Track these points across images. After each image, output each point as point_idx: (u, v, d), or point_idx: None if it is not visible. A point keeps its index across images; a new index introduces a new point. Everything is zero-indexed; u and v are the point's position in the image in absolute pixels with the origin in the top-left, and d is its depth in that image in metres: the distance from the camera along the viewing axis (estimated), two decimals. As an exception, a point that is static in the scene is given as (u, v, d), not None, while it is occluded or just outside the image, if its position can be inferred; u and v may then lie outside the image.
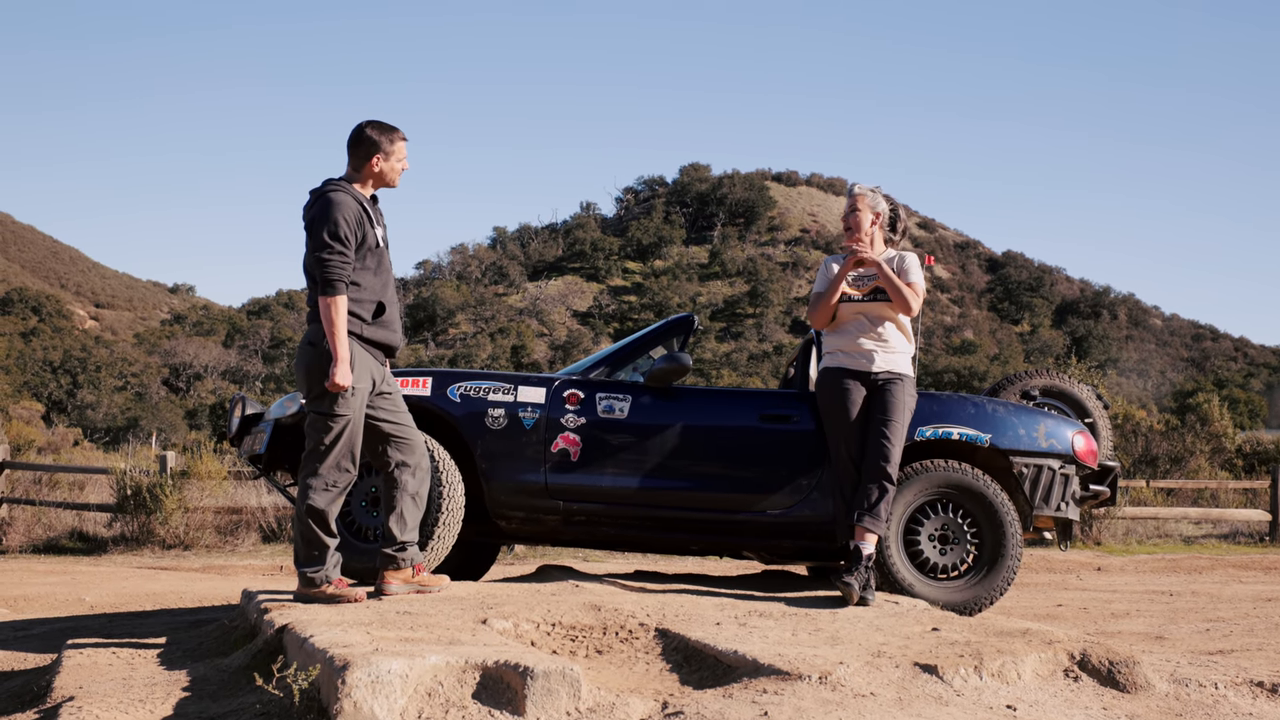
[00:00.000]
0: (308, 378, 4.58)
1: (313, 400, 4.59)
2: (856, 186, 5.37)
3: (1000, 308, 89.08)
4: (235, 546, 12.53)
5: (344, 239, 4.51)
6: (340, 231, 4.50)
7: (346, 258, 4.52)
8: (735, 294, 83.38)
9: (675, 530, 5.56)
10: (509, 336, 73.05)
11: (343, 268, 4.50)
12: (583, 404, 5.49)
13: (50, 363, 55.67)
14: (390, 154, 4.69)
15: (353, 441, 4.61)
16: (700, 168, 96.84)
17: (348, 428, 4.57)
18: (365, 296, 4.63)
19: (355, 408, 4.58)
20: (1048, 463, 5.51)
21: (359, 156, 4.68)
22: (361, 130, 4.68)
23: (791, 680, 3.55)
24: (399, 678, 3.26)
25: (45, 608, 7.49)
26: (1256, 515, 14.83)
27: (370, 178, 4.70)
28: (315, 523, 4.55)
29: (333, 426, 4.54)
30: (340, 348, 4.47)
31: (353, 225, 4.55)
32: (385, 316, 4.71)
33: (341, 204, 4.54)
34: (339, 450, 4.57)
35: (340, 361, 4.46)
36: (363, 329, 4.62)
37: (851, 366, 5.19)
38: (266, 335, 72.84)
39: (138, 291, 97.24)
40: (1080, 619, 7.41)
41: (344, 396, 4.53)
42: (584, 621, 4.28)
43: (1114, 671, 3.88)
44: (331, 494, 4.58)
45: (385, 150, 4.68)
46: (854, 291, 5.26)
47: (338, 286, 4.49)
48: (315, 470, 4.56)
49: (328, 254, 4.49)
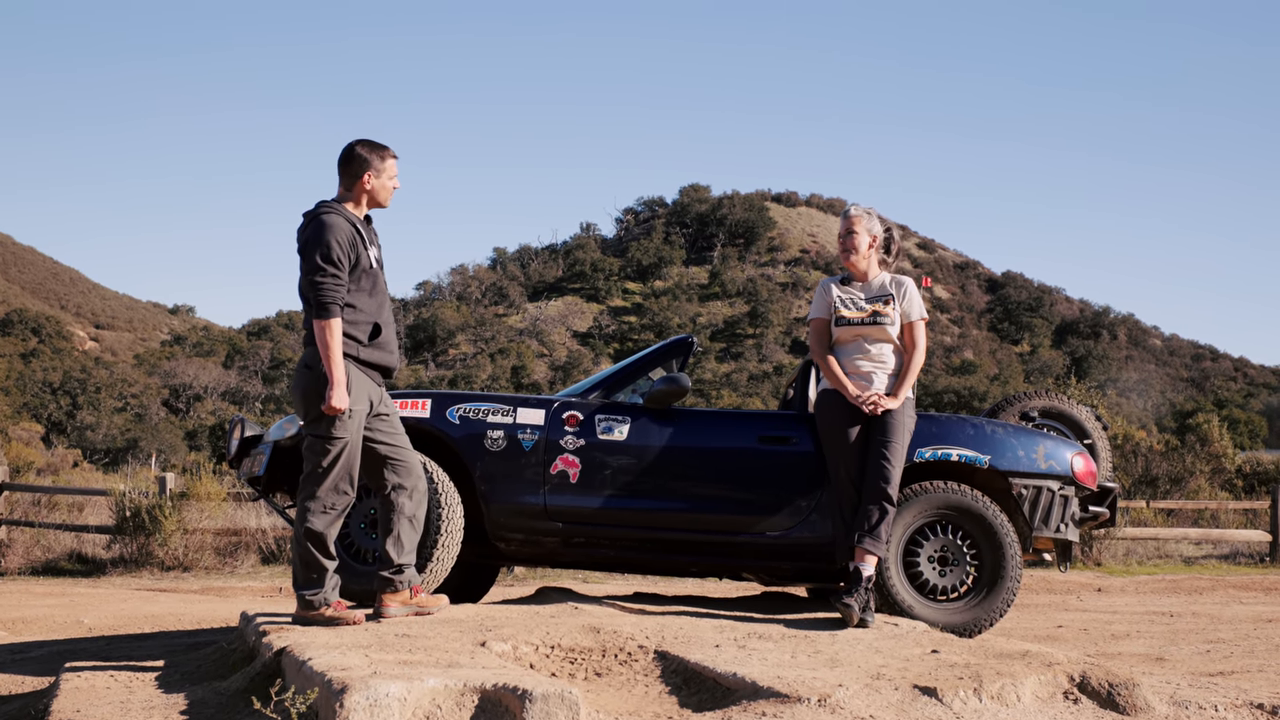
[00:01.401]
0: (305, 401, 4.57)
1: (310, 423, 4.59)
2: (853, 208, 5.38)
3: (1000, 328, 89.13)
4: (234, 568, 12.51)
5: (337, 261, 4.51)
6: (333, 254, 4.50)
7: (340, 280, 4.52)
8: (735, 314, 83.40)
9: (674, 552, 5.56)
10: (509, 357, 73.06)
11: (336, 290, 4.50)
12: (582, 426, 5.49)
13: (50, 384, 55.68)
14: (381, 171, 4.70)
15: (350, 464, 4.61)
16: (700, 188, 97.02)
17: (345, 450, 4.57)
18: (361, 318, 4.63)
19: (353, 430, 4.58)
20: (1047, 484, 5.51)
21: (350, 175, 4.69)
22: (351, 149, 4.69)
23: (791, 703, 3.54)
24: (397, 701, 3.26)
25: (44, 630, 7.47)
26: (1257, 536, 14.80)
27: (362, 196, 4.71)
28: (314, 545, 4.55)
29: (330, 449, 4.54)
30: (336, 370, 4.47)
31: (345, 248, 4.54)
32: (381, 338, 4.71)
33: (334, 226, 4.54)
34: (337, 473, 4.57)
35: (336, 384, 4.46)
36: (359, 351, 4.62)
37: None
38: (266, 356, 72.82)
39: (138, 312, 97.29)
40: (1080, 640, 7.40)
41: (341, 419, 4.52)
42: (583, 644, 4.27)
43: (1114, 694, 3.87)
44: (329, 516, 4.57)
45: (376, 168, 4.69)
46: (852, 314, 5.27)
47: (331, 309, 4.49)
48: (313, 493, 4.56)
49: (321, 277, 4.49)
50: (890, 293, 5.26)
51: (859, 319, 5.24)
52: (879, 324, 5.21)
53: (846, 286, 5.34)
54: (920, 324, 5.27)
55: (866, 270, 5.32)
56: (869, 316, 5.23)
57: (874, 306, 5.23)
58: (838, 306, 5.29)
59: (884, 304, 5.24)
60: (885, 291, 5.28)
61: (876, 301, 5.24)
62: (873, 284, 5.32)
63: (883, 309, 5.23)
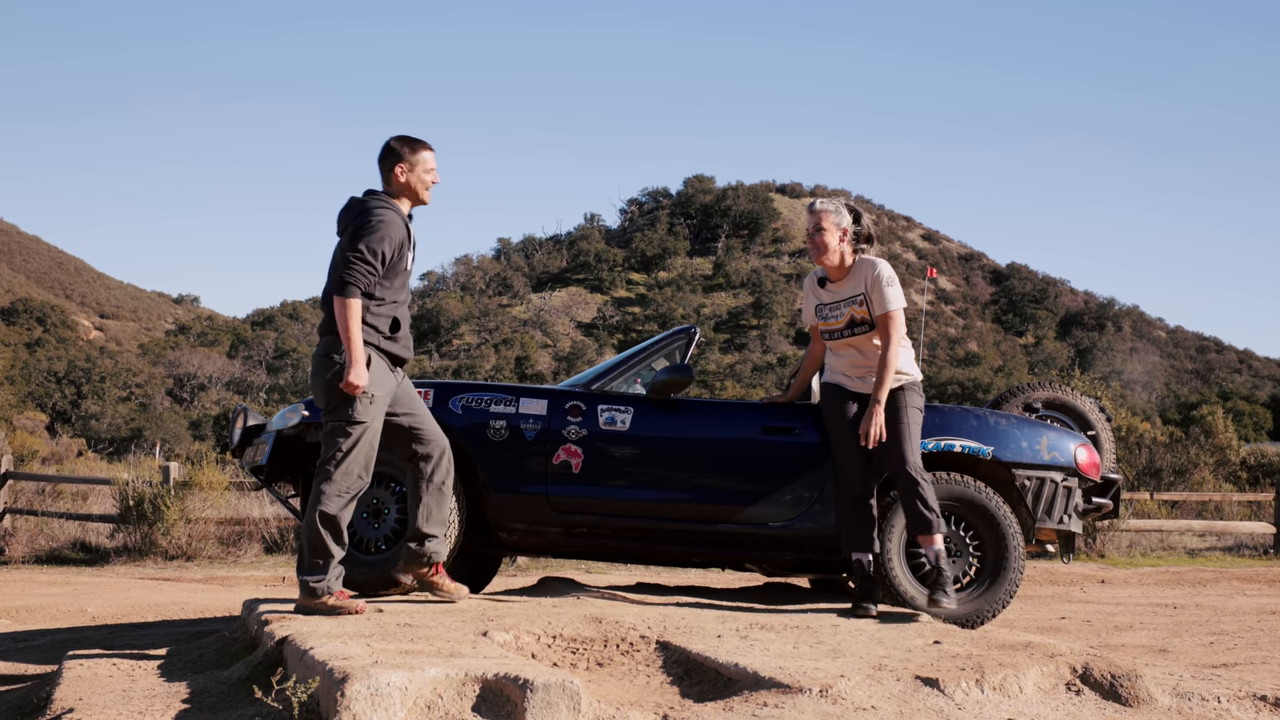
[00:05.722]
0: (326, 388, 4.60)
1: (331, 410, 4.61)
2: (817, 203, 5.22)
3: (1004, 320, 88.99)
4: (238, 557, 12.53)
5: (381, 255, 4.58)
6: (380, 248, 4.57)
7: (374, 272, 4.58)
8: (739, 305, 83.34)
9: (677, 542, 5.56)
10: (513, 348, 73.07)
11: (366, 278, 4.56)
12: (584, 416, 5.48)
13: (55, 373, 55.71)
14: (414, 164, 4.73)
15: (370, 449, 4.64)
16: (704, 179, 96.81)
17: (365, 435, 4.60)
18: (385, 311, 4.69)
19: (374, 415, 4.63)
20: (1050, 475, 5.50)
21: (385, 169, 4.75)
22: (386, 143, 4.76)
23: (792, 693, 3.54)
24: (398, 690, 3.26)
25: (47, 619, 7.49)
26: (1261, 528, 14.78)
27: (401, 192, 4.76)
28: (325, 528, 4.57)
29: (352, 433, 4.57)
30: (355, 349, 4.51)
31: (393, 247, 4.62)
32: (400, 332, 4.76)
33: (392, 224, 4.62)
34: (355, 456, 4.60)
35: (355, 362, 4.50)
36: (380, 341, 4.67)
37: (849, 387, 5.19)
38: (271, 346, 72.88)
39: (142, 302, 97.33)
40: (1083, 632, 7.39)
41: (363, 402, 4.56)
42: (585, 634, 4.27)
43: (1116, 685, 3.86)
44: (343, 500, 4.60)
45: (408, 160, 4.72)
46: (832, 325, 5.21)
47: (354, 291, 4.53)
48: (330, 476, 4.58)
49: (359, 260, 4.55)
50: (862, 291, 5.12)
51: (838, 329, 5.19)
52: (857, 334, 5.15)
53: (824, 289, 5.25)
54: (891, 316, 5.05)
55: (841, 264, 5.18)
56: (845, 327, 5.17)
57: (849, 311, 5.15)
58: (820, 317, 5.26)
59: (858, 306, 5.13)
60: (858, 291, 5.13)
61: (852, 304, 5.15)
62: (847, 282, 5.17)
63: (858, 312, 5.13)
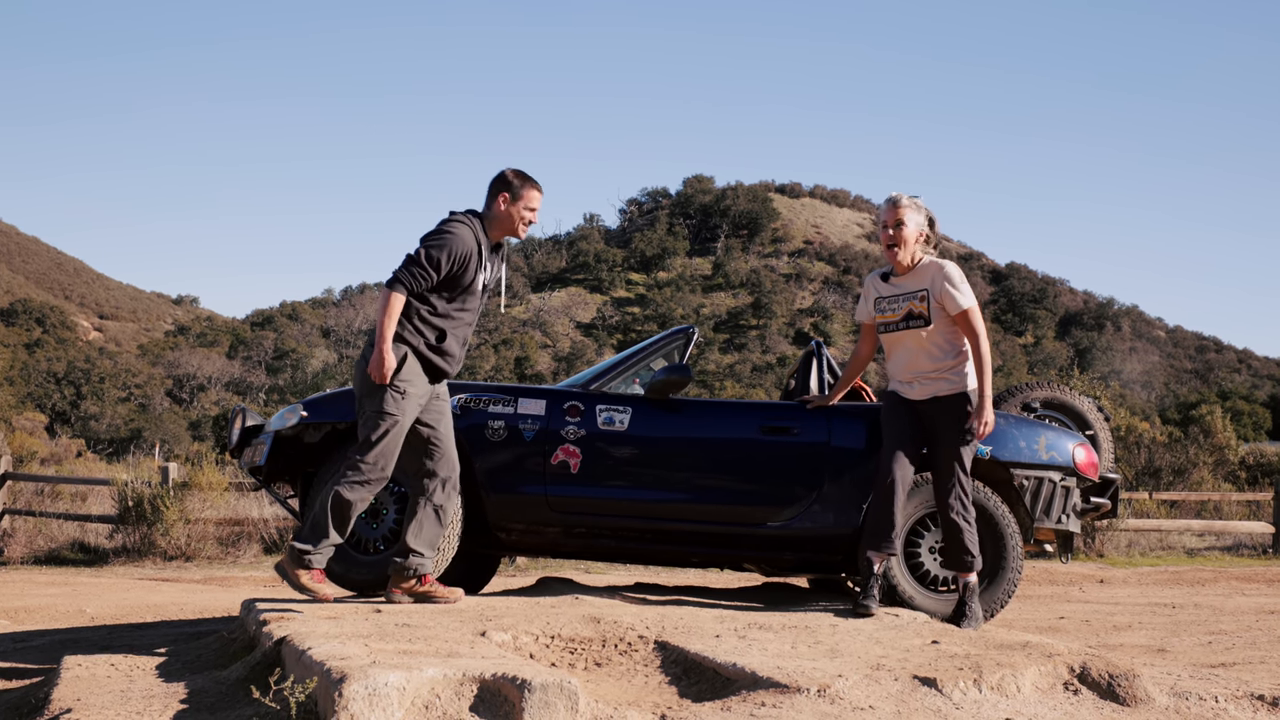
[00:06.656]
0: (360, 376, 4.75)
1: (362, 398, 4.74)
2: (902, 197, 5.10)
3: (1004, 319, 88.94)
4: (237, 558, 12.53)
5: (436, 263, 4.66)
6: (439, 256, 4.66)
7: (427, 276, 4.67)
8: (738, 305, 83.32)
9: (675, 542, 5.56)
10: (512, 348, 73.05)
11: (417, 281, 4.66)
12: (583, 416, 5.48)
13: (54, 374, 55.69)
14: (519, 198, 4.83)
15: (395, 444, 4.73)
16: (704, 179, 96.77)
17: (395, 427, 4.69)
18: (437, 322, 4.77)
19: (406, 410, 4.70)
20: (1048, 475, 5.50)
21: (490, 194, 4.87)
22: (501, 171, 4.87)
23: (790, 693, 3.54)
24: (396, 690, 3.26)
25: (46, 619, 7.48)
26: (1260, 528, 14.79)
27: (497, 219, 4.84)
28: (335, 510, 4.67)
29: (382, 423, 4.66)
30: (382, 340, 4.61)
31: (455, 261, 4.69)
32: (444, 345, 4.81)
33: (460, 238, 4.70)
34: (383, 447, 4.68)
35: (381, 353, 4.60)
36: (420, 345, 4.74)
37: (901, 394, 5.17)
38: (270, 347, 72.84)
39: (141, 303, 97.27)
40: (1082, 631, 7.39)
41: (395, 394, 4.65)
42: (583, 634, 4.28)
43: (1114, 684, 3.87)
44: (361, 489, 4.69)
45: (514, 192, 4.83)
46: (888, 318, 5.16)
47: (401, 287, 4.65)
48: (356, 463, 4.69)
49: (414, 262, 4.67)
50: (925, 287, 5.05)
51: (895, 322, 5.14)
52: (911, 328, 5.09)
53: (887, 283, 5.19)
54: (970, 312, 5.02)
55: (911, 262, 5.13)
56: (901, 320, 5.12)
57: (908, 305, 5.09)
58: (879, 310, 5.20)
59: (918, 301, 5.06)
60: (922, 287, 5.07)
61: (912, 299, 5.08)
62: (911, 278, 5.11)
63: (917, 307, 5.06)
